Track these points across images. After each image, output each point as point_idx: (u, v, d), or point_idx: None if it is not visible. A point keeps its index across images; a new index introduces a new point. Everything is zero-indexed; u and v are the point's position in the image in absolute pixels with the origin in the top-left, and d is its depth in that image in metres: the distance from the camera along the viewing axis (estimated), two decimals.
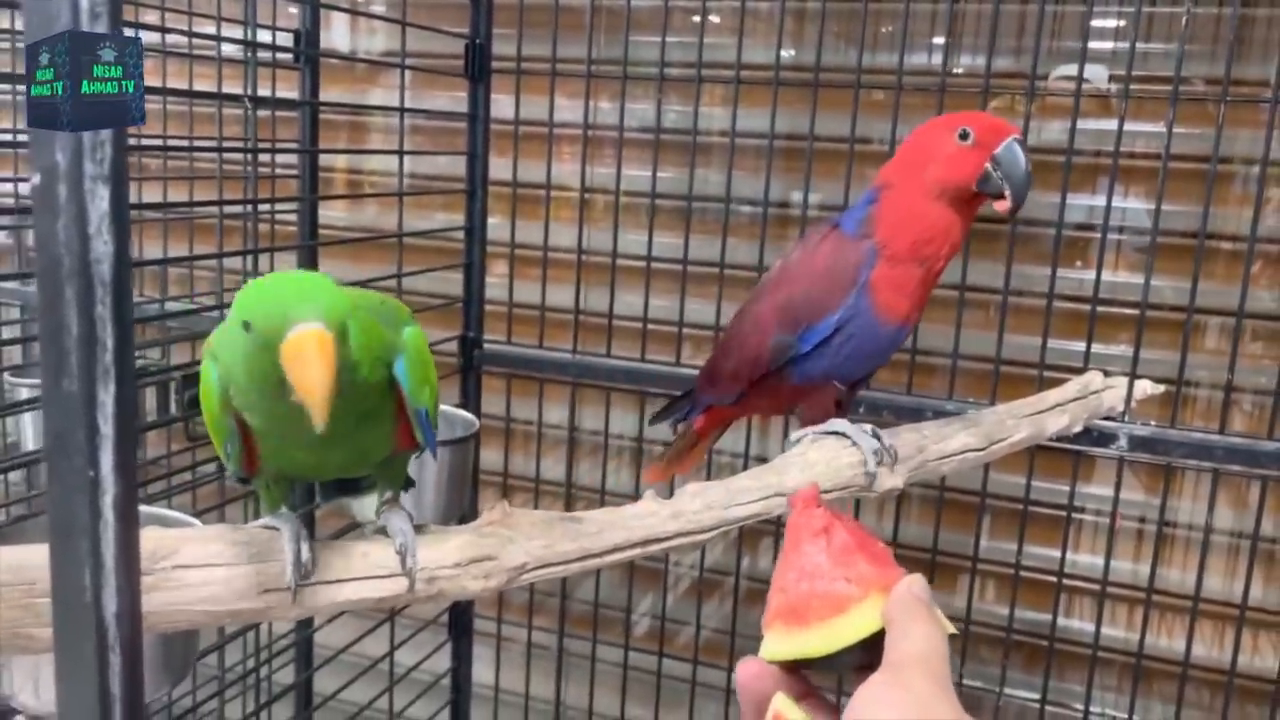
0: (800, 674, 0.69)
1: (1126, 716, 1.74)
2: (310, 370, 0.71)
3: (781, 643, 0.67)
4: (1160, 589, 1.68)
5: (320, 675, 1.81)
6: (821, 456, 1.21)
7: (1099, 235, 1.64)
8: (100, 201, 0.49)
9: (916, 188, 1.19)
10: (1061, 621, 1.78)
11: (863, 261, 1.20)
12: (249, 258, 1.53)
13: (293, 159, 1.77)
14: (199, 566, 0.86)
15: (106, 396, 0.50)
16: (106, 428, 0.51)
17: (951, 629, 0.65)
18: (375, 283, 1.71)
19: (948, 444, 1.32)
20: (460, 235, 1.93)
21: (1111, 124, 1.64)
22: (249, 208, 1.60)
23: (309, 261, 1.79)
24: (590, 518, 1.07)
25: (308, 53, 1.66)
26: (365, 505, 1.00)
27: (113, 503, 0.52)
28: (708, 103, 2.00)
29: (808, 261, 1.25)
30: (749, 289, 1.81)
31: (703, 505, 1.12)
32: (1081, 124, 1.60)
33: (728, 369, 1.32)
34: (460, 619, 2.01)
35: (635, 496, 1.14)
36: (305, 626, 1.80)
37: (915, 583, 0.65)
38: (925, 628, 0.62)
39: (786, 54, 2.04)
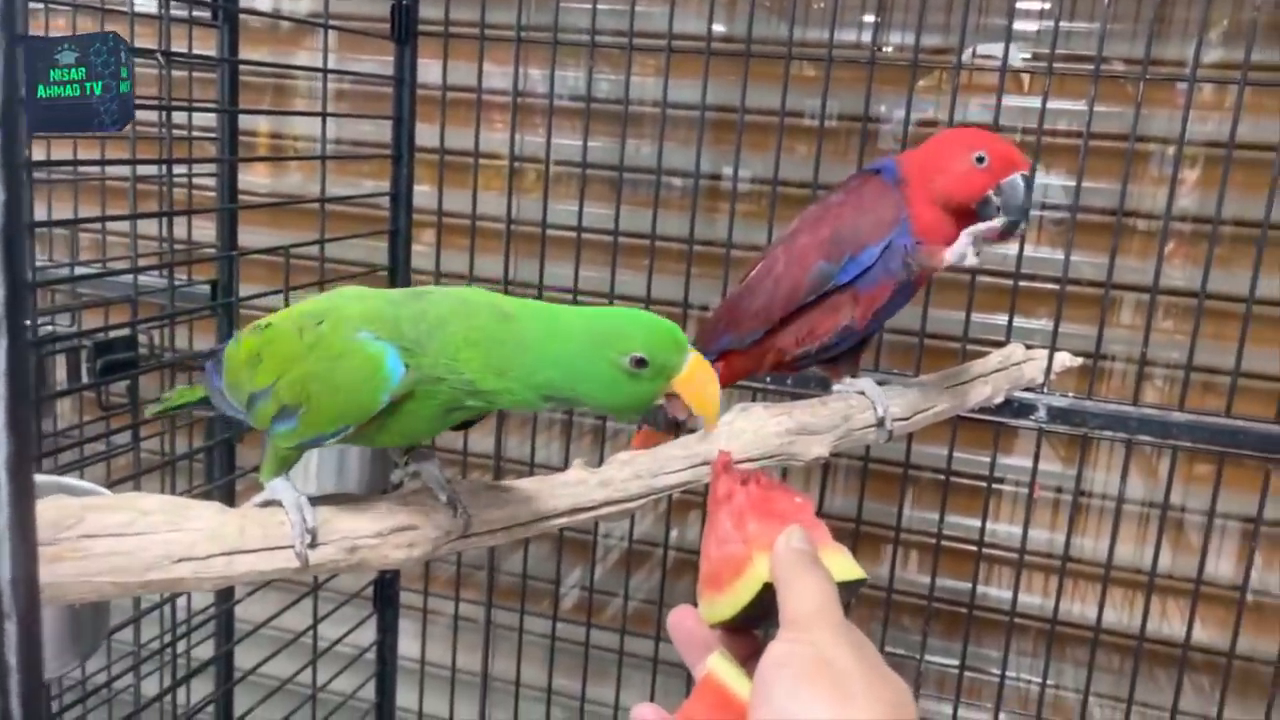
0: (744, 635, 0.71)
1: (1040, 681, 1.78)
2: (710, 389, 0.83)
3: (707, 609, 0.69)
4: (1075, 557, 1.73)
5: (241, 649, 1.78)
6: (749, 425, 1.22)
7: None
8: None
9: (926, 190, 1.24)
10: (980, 589, 1.82)
11: (904, 202, 1.25)
12: (163, 221, 1.48)
13: (212, 120, 1.72)
14: (105, 536, 0.84)
15: None
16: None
17: (857, 573, 0.67)
18: (297, 249, 1.67)
19: (872, 413, 1.33)
20: (386, 202, 1.90)
21: (1035, 102, 1.67)
22: (164, 169, 1.54)
23: (228, 226, 1.75)
24: (517, 486, 1.05)
25: (226, 7, 1.60)
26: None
27: (5, 463, 0.49)
28: (639, 72, 1.98)
29: (853, 198, 1.29)
30: (680, 261, 1.82)
31: (631, 474, 1.11)
32: (1007, 101, 1.62)
33: (756, 305, 1.32)
34: (385, 592, 1.99)
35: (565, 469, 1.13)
36: (225, 599, 1.76)
37: (793, 536, 0.66)
38: (810, 581, 0.63)
39: (719, 27, 2.03)
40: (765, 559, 0.66)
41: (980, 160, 1.21)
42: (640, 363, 0.80)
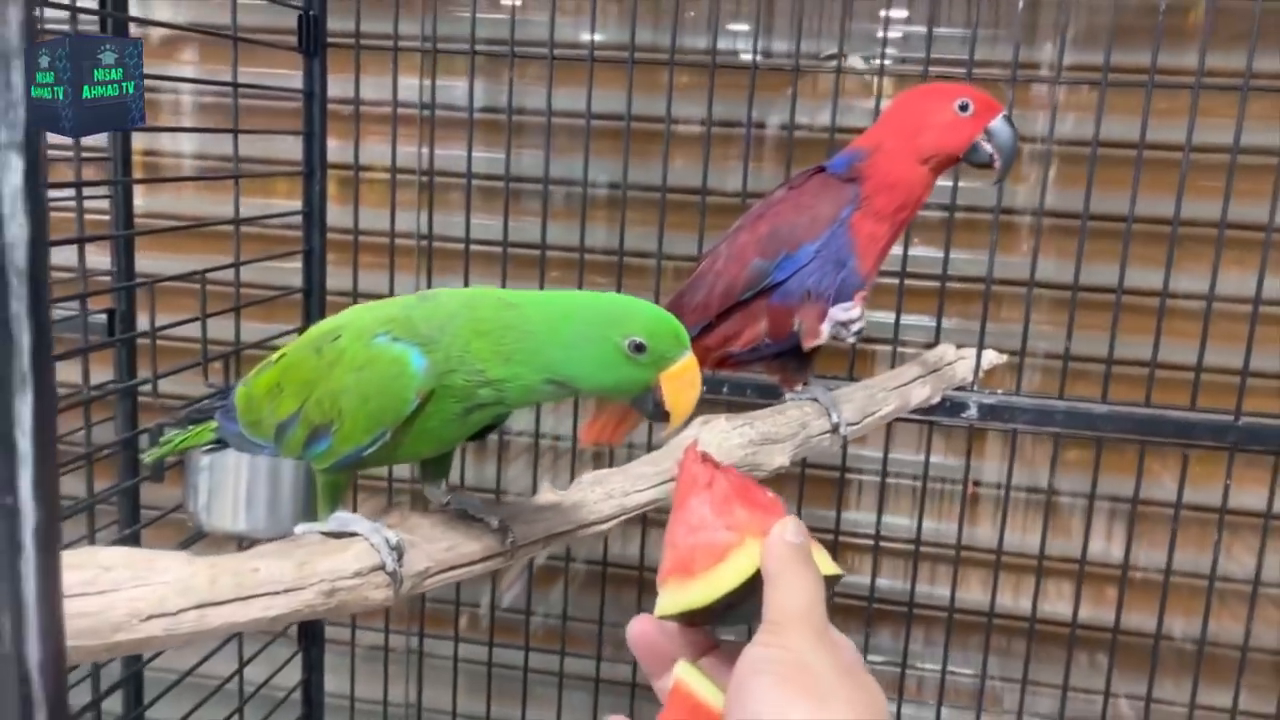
0: (701, 630, 0.69)
1: (980, 674, 1.83)
2: (690, 394, 0.85)
3: (672, 597, 0.67)
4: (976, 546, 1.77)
5: (162, 704, 1.66)
6: (713, 437, 1.20)
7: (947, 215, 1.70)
8: (12, 175, 0.41)
9: (905, 151, 1.25)
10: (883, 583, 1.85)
11: (847, 200, 1.26)
12: (81, 248, 1.38)
13: (102, 139, 1.61)
14: (67, 597, 0.76)
15: (24, 408, 0.42)
16: (25, 444, 0.43)
17: (834, 569, 0.66)
18: (208, 274, 1.58)
19: (826, 420, 1.34)
20: (293, 222, 1.82)
21: None
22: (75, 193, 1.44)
23: (123, 252, 1.64)
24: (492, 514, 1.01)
25: (115, 16, 1.50)
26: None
27: (33, 533, 0.44)
28: (561, 83, 1.95)
29: (794, 196, 1.30)
30: (609, 274, 1.79)
31: (603, 494, 1.09)
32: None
33: (696, 300, 1.33)
34: (310, 628, 1.90)
35: (502, 491, 1.10)
36: (135, 659, 1.64)
37: (788, 528, 0.65)
38: (800, 580, 0.62)
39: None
40: (757, 546, 0.65)
41: (964, 108, 1.24)
42: (639, 348, 0.83)
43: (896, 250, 1.71)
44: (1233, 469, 1.64)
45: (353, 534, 0.92)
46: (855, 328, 1.25)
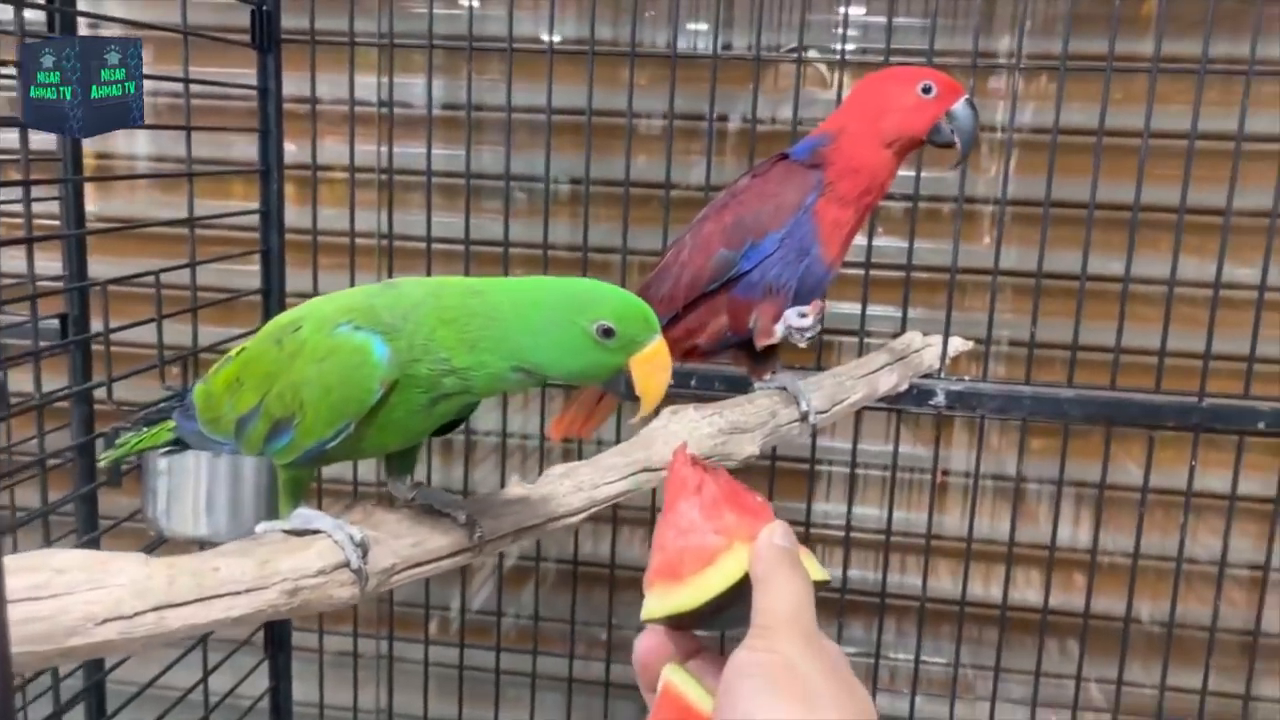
0: (688, 633, 0.69)
1: (952, 663, 1.83)
2: (660, 377, 0.84)
3: (659, 601, 0.67)
4: (981, 538, 1.78)
5: (125, 716, 1.62)
6: (682, 427, 1.19)
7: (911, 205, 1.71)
8: None
9: (869, 134, 1.25)
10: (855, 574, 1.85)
11: (811, 186, 1.26)
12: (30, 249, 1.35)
13: (51, 139, 1.57)
14: (18, 601, 0.73)
15: None
16: None
17: (823, 574, 0.66)
18: (163, 276, 1.54)
19: (795, 408, 1.33)
20: (248, 222, 1.78)
21: None
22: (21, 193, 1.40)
23: (75, 255, 1.60)
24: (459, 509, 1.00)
25: (64, 11, 1.47)
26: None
27: None
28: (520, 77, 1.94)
29: (758, 184, 1.29)
30: (574, 269, 1.78)
31: (572, 486, 1.07)
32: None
33: (663, 292, 1.32)
34: (277, 635, 1.86)
35: (470, 492, 1.08)
36: (97, 669, 1.60)
37: (776, 532, 0.65)
38: (789, 584, 0.62)
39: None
40: (746, 550, 0.65)
41: (927, 90, 1.25)
42: (608, 332, 0.82)
43: (861, 241, 1.71)
44: (1198, 451, 1.65)
45: (316, 531, 0.89)
46: (809, 334, 1.24)
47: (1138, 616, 1.90)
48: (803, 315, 1.23)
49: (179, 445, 1.04)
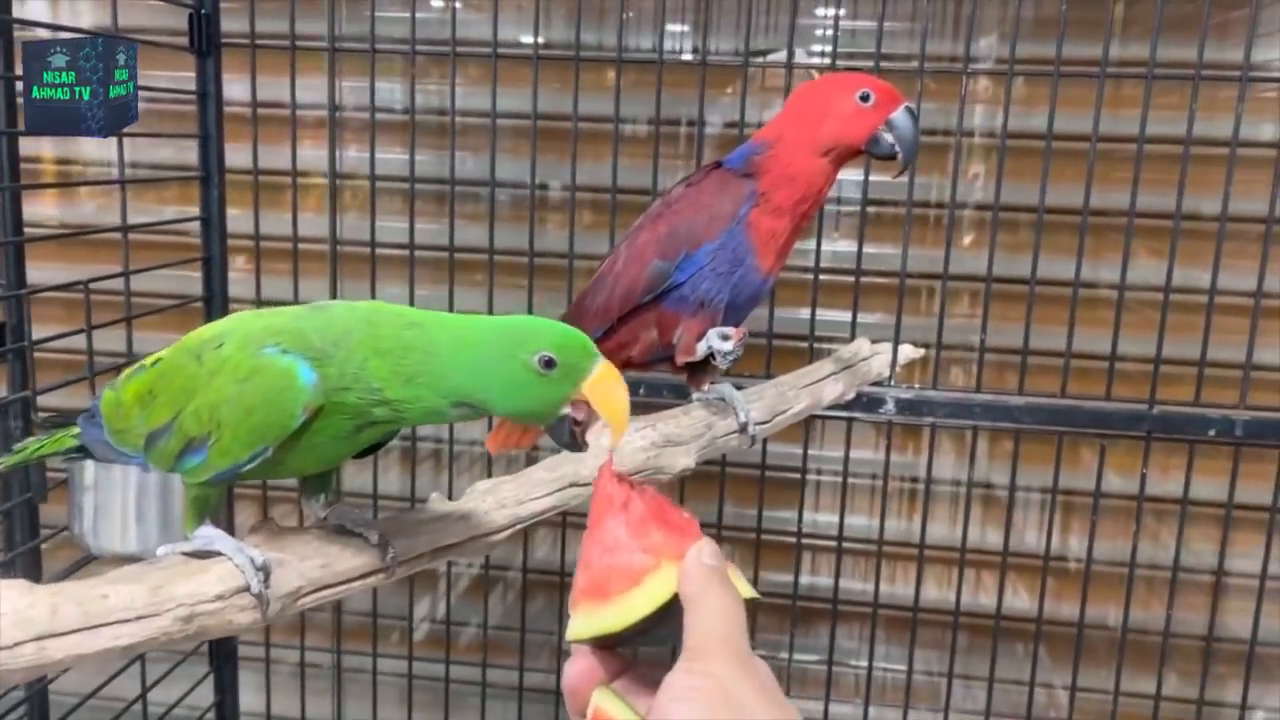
0: (615, 652, 0.67)
1: (906, 669, 1.81)
2: (619, 394, 0.82)
3: (585, 621, 0.65)
4: (931, 544, 1.76)
5: None
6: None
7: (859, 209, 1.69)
8: None
9: (806, 142, 1.22)
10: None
11: (745, 196, 1.23)
12: None
13: None
14: None
15: None
16: None
17: (750, 592, 0.64)
18: (98, 283, 1.52)
19: (734, 420, 1.31)
20: (191, 229, 1.76)
21: None
22: None
23: (13, 260, 1.57)
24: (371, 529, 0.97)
25: None
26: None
27: None
28: (462, 81, 1.91)
29: (692, 194, 1.26)
30: (520, 275, 1.76)
31: (495, 503, 1.05)
32: None
33: (597, 304, 1.29)
34: (222, 646, 1.83)
35: (409, 500, 1.06)
36: (38, 679, 1.58)
37: (704, 551, 0.64)
38: (720, 604, 0.61)
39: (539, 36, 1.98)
40: (674, 569, 0.64)
41: (865, 98, 1.21)
42: (549, 363, 0.80)
43: (810, 245, 1.69)
44: (1149, 457, 1.64)
45: (217, 553, 0.87)
46: (730, 357, 1.22)
47: (1093, 621, 1.88)
48: (725, 338, 1.21)
49: (81, 453, 1.01)
